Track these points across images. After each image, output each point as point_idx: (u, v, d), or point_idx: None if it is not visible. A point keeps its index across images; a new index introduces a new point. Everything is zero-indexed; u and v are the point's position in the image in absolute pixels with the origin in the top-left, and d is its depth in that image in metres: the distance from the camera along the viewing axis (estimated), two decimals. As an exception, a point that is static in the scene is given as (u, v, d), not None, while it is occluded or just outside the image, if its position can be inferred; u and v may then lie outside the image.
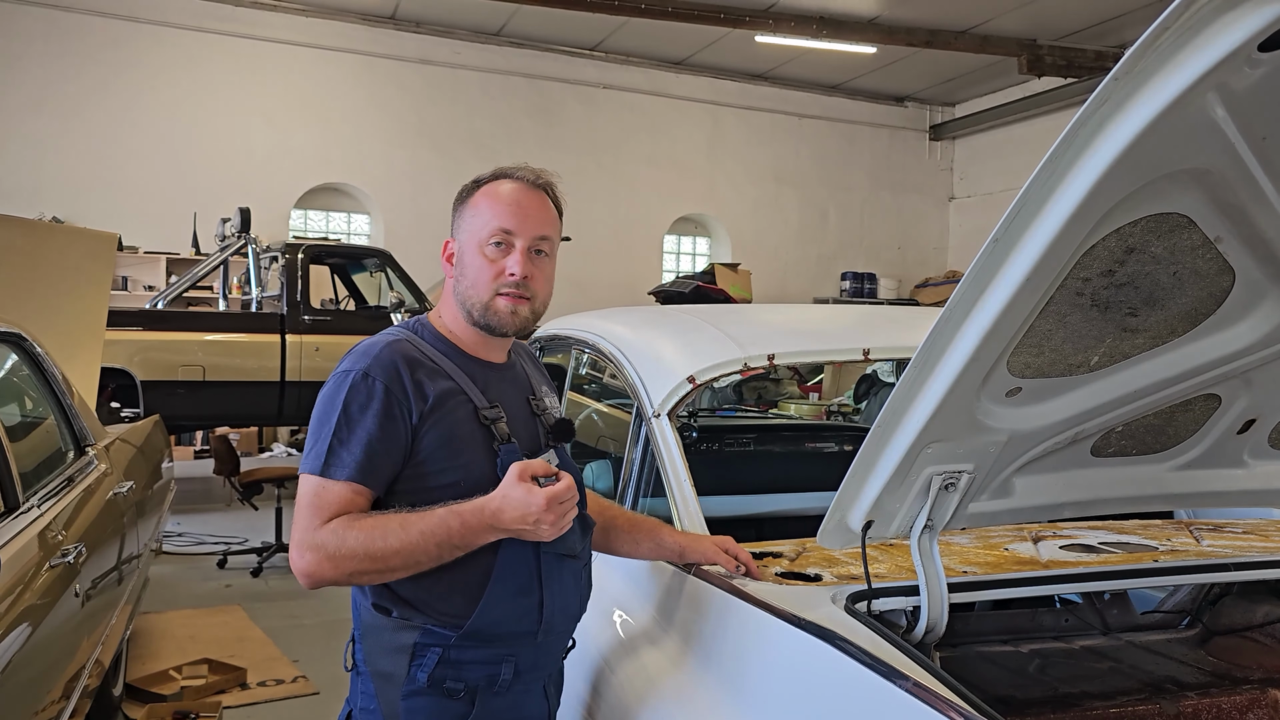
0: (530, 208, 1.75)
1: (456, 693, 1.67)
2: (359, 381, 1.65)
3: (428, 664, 1.65)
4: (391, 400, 1.64)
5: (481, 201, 1.76)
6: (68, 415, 3.55)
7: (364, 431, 1.63)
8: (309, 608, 5.51)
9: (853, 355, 2.57)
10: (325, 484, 1.62)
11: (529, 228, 1.73)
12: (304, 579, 1.60)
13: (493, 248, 1.72)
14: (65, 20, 10.31)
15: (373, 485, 1.64)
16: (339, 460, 1.62)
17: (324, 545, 1.57)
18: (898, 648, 1.53)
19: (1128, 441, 1.80)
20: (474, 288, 1.74)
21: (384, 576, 1.62)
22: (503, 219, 1.73)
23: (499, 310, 1.73)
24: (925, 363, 1.43)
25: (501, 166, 1.81)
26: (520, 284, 1.72)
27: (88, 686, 2.99)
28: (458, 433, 1.68)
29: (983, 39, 11.47)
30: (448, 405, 1.69)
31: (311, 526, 1.59)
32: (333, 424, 1.64)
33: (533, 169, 1.81)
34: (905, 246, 14.92)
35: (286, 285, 7.93)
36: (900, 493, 1.65)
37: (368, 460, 1.62)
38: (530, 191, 1.77)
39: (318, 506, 1.60)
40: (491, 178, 1.79)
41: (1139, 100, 1.10)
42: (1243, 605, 2.34)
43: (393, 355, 1.69)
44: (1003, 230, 1.25)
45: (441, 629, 1.66)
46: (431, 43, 11.97)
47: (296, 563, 1.60)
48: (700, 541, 2.00)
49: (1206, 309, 1.49)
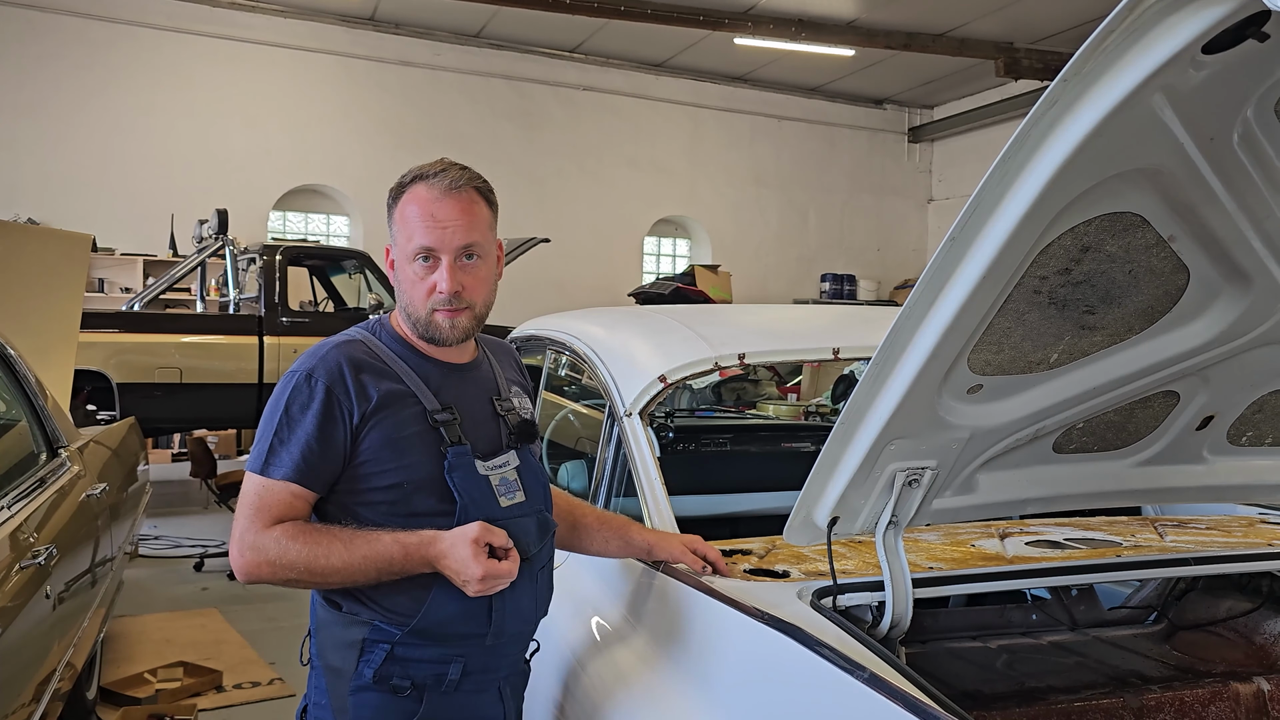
0: (449, 218, 1.69)
1: (403, 690, 1.67)
2: (302, 382, 1.68)
3: (374, 660, 1.67)
4: (332, 401, 1.66)
5: (403, 212, 1.72)
6: (40, 417, 3.52)
7: (303, 432, 1.65)
8: (286, 610, 5.48)
9: (823, 354, 2.59)
10: (266, 484, 1.65)
11: (451, 240, 1.69)
12: (241, 575, 1.65)
13: (419, 265, 1.71)
14: (40, 20, 10.23)
15: (312, 485, 1.67)
16: (279, 460, 1.65)
17: (265, 550, 1.62)
18: (861, 642, 1.55)
19: (1089, 438, 1.82)
20: (411, 304, 1.74)
21: (318, 587, 1.68)
22: (422, 236, 1.69)
23: (439, 325, 1.74)
24: (886, 360, 1.45)
25: (420, 166, 1.75)
26: (452, 299, 1.70)
27: (59, 689, 2.97)
28: (402, 434, 1.69)
29: (960, 42, 11.54)
30: (393, 406, 1.69)
31: (253, 527, 1.64)
32: (275, 424, 1.67)
33: (455, 168, 1.74)
34: (885, 248, 14.99)
35: (264, 287, 7.90)
36: (864, 489, 1.67)
37: (305, 461, 1.65)
38: (448, 198, 1.70)
39: (259, 507, 1.65)
40: (412, 180, 1.74)
41: (1088, 101, 1.12)
42: (1207, 600, 2.37)
43: (339, 356, 1.70)
44: (959, 229, 1.27)
45: (388, 625, 1.67)
46: (411, 44, 11.94)
47: (235, 559, 1.64)
48: (668, 540, 2.01)
49: (1163, 307, 1.51)
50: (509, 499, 1.74)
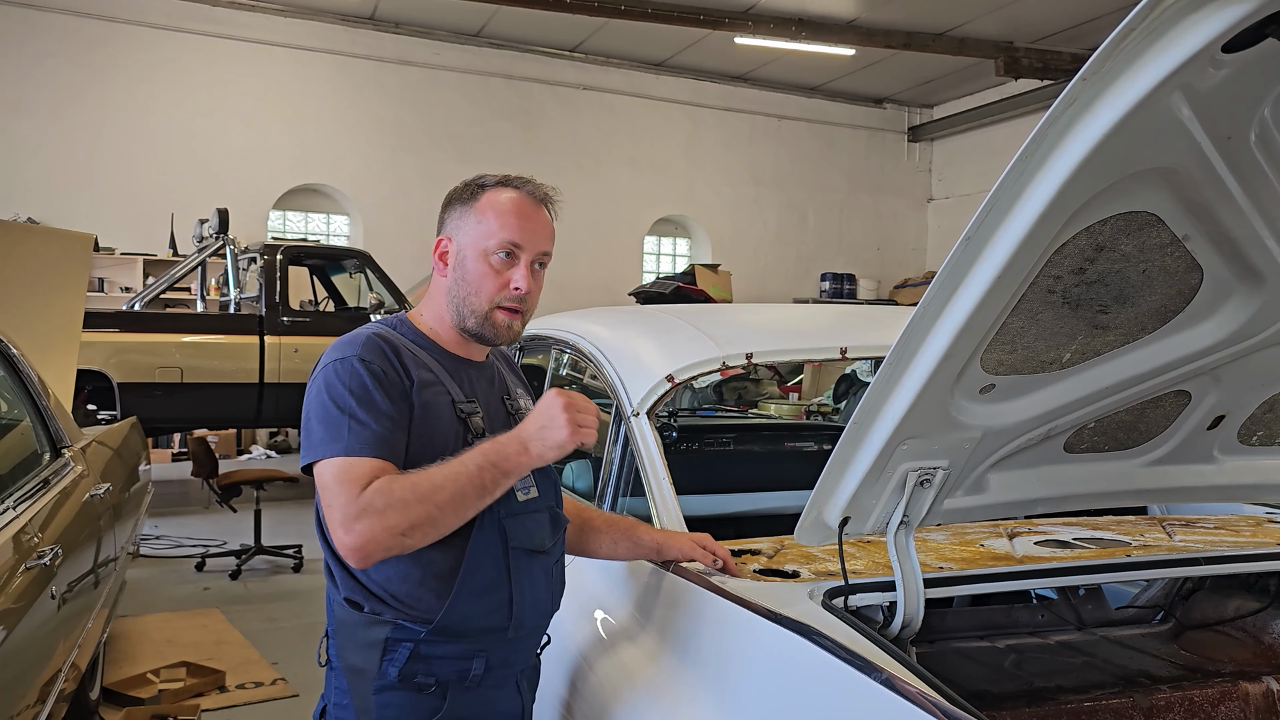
0: (537, 222, 1.76)
1: (428, 687, 1.67)
2: (356, 366, 1.65)
3: (399, 659, 1.66)
4: (390, 377, 1.66)
5: (488, 209, 1.75)
6: (43, 417, 3.52)
7: (377, 410, 1.62)
8: (288, 610, 5.48)
9: (830, 354, 2.58)
10: (353, 461, 1.58)
11: (535, 243, 1.75)
12: (356, 555, 1.54)
13: (499, 259, 1.73)
14: (40, 20, 10.22)
15: (395, 460, 1.62)
16: (358, 439, 1.59)
17: (370, 507, 1.53)
18: (874, 643, 1.54)
19: (1100, 438, 1.82)
20: (475, 296, 1.75)
21: (436, 524, 1.57)
22: (511, 232, 1.73)
23: (497, 323, 1.75)
24: (900, 360, 1.45)
25: (507, 175, 1.81)
26: (522, 298, 1.75)
27: (64, 690, 2.96)
28: (437, 421, 1.69)
29: (960, 41, 11.55)
30: (428, 392, 1.70)
31: (351, 497, 1.54)
32: (345, 407, 1.61)
33: (537, 182, 1.81)
34: (884, 247, 15.00)
35: (265, 286, 7.89)
36: (876, 489, 1.67)
37: (389, 434, 1.62)
38: (536, 205, 1.78)
39: (350, 479, 1.56)
40: (497, 184, 1.78)
41: (1106, 100, 1.11)
42: (1214, 600, 2.37)
43: (378, 342, 1.71)
44: (974, 229, 1.26)
45: (412, 624, 1.66)
46: (411, 43, 11.94)
47: (344, 540, 1.54)
48: (678, 538, 2.01)
49: (1176, 306, 1.51)
50: (524, 494, 1.75)
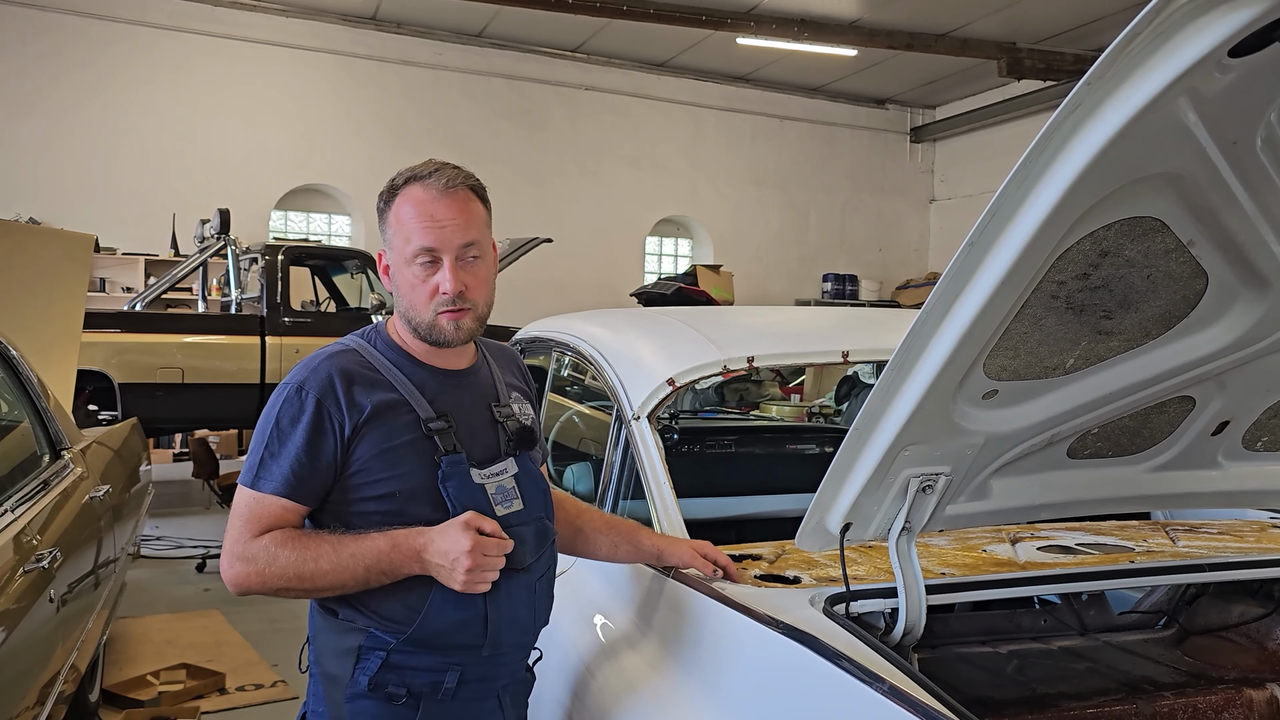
0: (448, 217, 1.67)
1: (399, 698, 1.66)
2: (293, 395, 1.67)
3: (370, 667, 1.65)
4: (322, 414, 1.65)
5: (398, 215, 1.70)
6: (43, 418, 3.51)
7: (293, 446, 1.64)
8: (288, 612, 5.46)
9: (832, 357, 2.57)
10: (257, 497, 1.65)
11: (451, 239, 1.67)
12: (232, 587, 1.64)
13: (420, 267, 1.69)
14: (42, 19, 10.22)
15: (302, 499, 1.66)
16: (269, 474, 1.65)
17: (255, 559, 1.61)
18: (876, 650, 1.53)
19: (1103, 443, 1.81)
20: (412, 308, 1.72)
21: (310, 595, 1.67)
22: (422, 237, 1.67)
23: (443, 328, 1.71)
24: (902, 365, 1.44)
25: (412, 167, 1.73)
26: (456, 299, 1.69)
27: (63, 692, 2.96)
28: (395, 443, 1.67)
29: (962, 42, 11.53)
30: (385, 416, 1.68)
31: (243, 538, 1.63)
32: (265, 437, 1.66)
33: (448, 168, 1.72)
34: (886, 248, 14.97)
35: (266, 287, 7.88)
36: (878, 495, 1.66)
37: (294, 475, 1.64)
38: (445, 198, 1.68)
39: (249, 519, 1.64)
40: (405, 182, 1.71)
41: (1112, 105, 1.10)
42: (1218, 605, 2.36)
43: (330, 368, 1.69)
44: (978, 233, 1.25)
45: (384, 633, 1.66)
46: (412, 44, 11.93)
47: (225, 571, 1.64)
48: (678, 545, 1.99)
49: (1180, 312, 1.50)
50: (506, 507, 1.72)
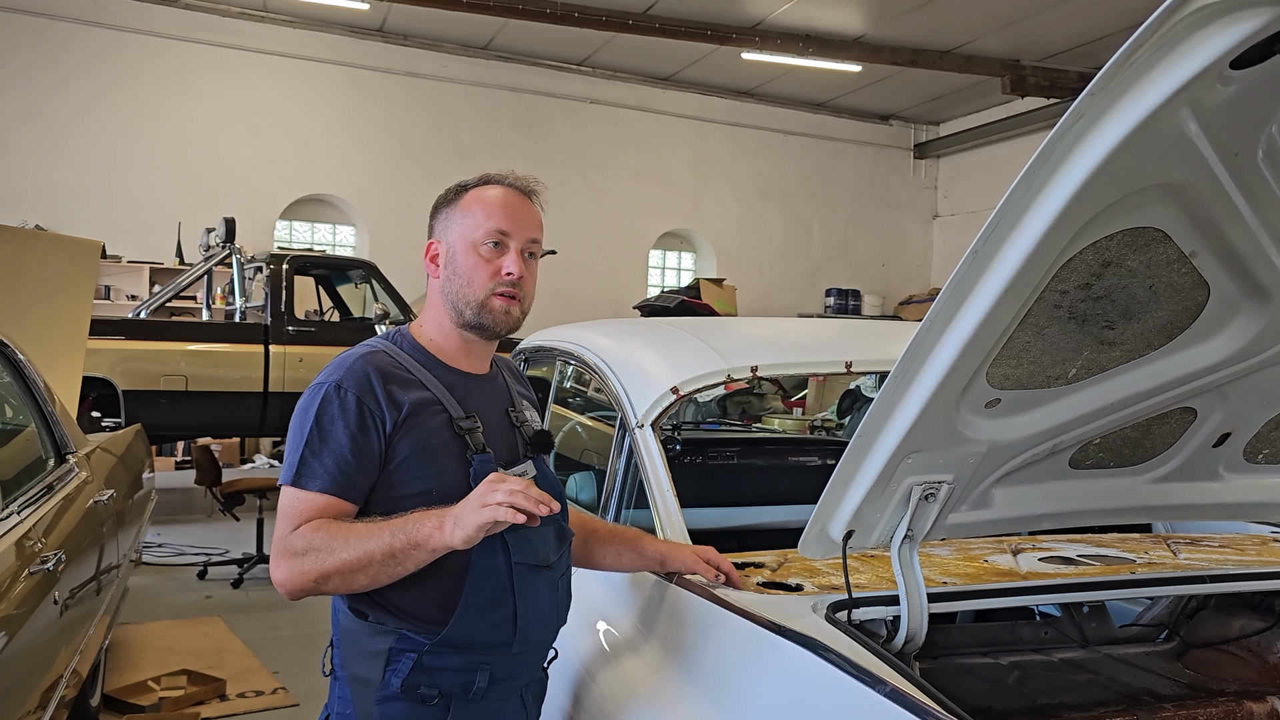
0: (522, 210, 1.81)
1: (430, 699, 1.67)
2: (331, 393, 1.67)
3: (402, 669, 1.66)
4: (364, 411, 1.66)
5: (473, 204, 1.80)
6: (49, 423, 3.52)
7: (336, 443, 1.64)
8: (289, 619, 5.47)
9: (835, 368, 2.58)
10: (300, 494, 1.64)
11: (523, 229, 1.79)
12: (280, 589, 1.62)
13: (488, 248, 1.76)
14: (51, 29, 10.28)
15: (348, 496, 1.65)
16: (312, 471, 1.64)
17: (292, 548, 1.59)
18: (878, 656, 1.54)
19: (1105, 454, 1.82)
20: (468, 287, 1.76)
21: (348, 580, 1.58)
22: (498, 220, 1.77)
23: (494, 309, 1.77)
24: (905, 373, 1.45)
25: (489, 174, 1.86)
26: (516, 283, 1.77)
27: (65, 697, 2.96)
28: (431, 442, 1.70)
29: (966, 59, 11.57)
30: (421, 415, 1.70)
31: (284, 533, 1.62)
32: (305, 436, 1.66)
33: (518, 175, 1.86)
34: (889, 263, 14.99)
35: (270, 296, 7.90)
36: (880, 503, 1.66)
37: (340, 472, 1.64)
38: (520, 196, 1.82)
39: (292, 515, 1.63)
40: (479, 183, 1.84)
41: (1114, 116, 1.12)
42: (1219, 618, 2.36)
43: (365, 367, 1.71)
44: (982, 242, 1.26)
45: (416, 635, 1.67)
46: (419, 56, 11.98)
47: (273, 574, 1.63)
48: (681, 551, 2.00)
49: (1182, 323, 1.51)
50: None
